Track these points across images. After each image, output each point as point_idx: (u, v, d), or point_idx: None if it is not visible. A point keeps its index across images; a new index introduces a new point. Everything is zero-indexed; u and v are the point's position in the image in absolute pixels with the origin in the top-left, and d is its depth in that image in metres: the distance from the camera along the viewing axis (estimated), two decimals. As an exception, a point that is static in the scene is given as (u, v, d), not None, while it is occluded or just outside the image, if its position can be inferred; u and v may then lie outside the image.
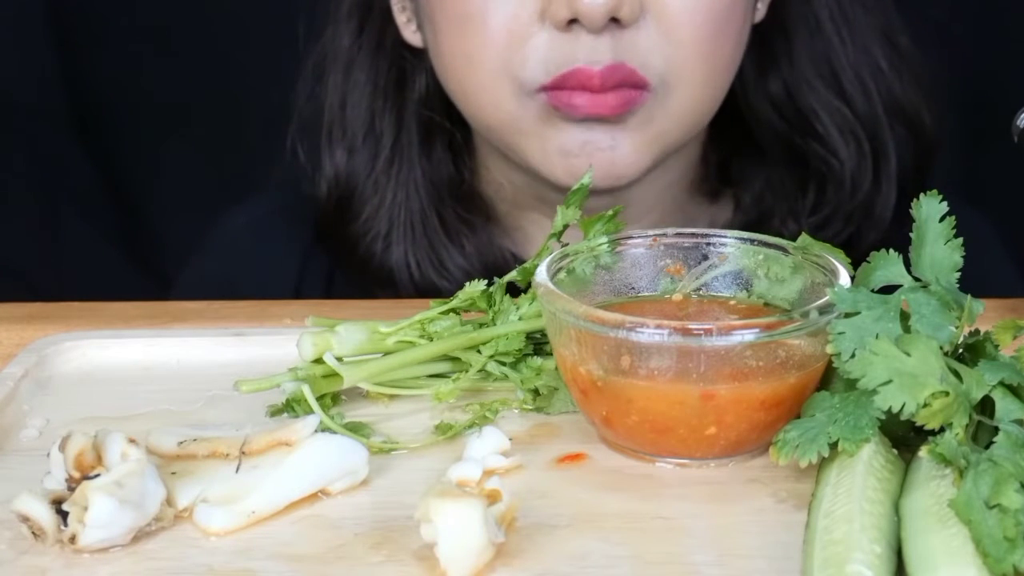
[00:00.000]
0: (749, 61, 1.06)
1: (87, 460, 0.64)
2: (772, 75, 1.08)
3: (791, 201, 1.09)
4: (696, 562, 0.63)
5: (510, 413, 0.77)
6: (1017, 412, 0.64)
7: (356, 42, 1.08)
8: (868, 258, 0.71)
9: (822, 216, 1.08)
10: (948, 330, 0.67)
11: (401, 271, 1.06)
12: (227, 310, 0.93)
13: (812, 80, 1.07)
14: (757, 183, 1.10)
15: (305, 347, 0.76)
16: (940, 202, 0.70)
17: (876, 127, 1.08)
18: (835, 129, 1.07)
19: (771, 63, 1.08)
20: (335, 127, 1.08)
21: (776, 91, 1.08)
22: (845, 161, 1.07)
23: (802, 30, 1.07)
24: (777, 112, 1.08)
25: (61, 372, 0.83)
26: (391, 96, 1.08)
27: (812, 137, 1.08)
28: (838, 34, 1.07)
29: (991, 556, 0.57)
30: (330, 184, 1.08)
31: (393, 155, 1.07)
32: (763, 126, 1.09)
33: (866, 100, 1.08)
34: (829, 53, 1.07)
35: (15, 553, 0.64)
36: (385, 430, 0.75)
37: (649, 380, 0.69)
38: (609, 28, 0.92)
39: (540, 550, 0.64)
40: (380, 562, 0.63)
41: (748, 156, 1.10)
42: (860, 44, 1.08)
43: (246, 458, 0.68)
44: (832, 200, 1.08)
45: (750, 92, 1.08)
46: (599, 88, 0.93)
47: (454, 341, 0.78)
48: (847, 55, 1.07)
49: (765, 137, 1.09)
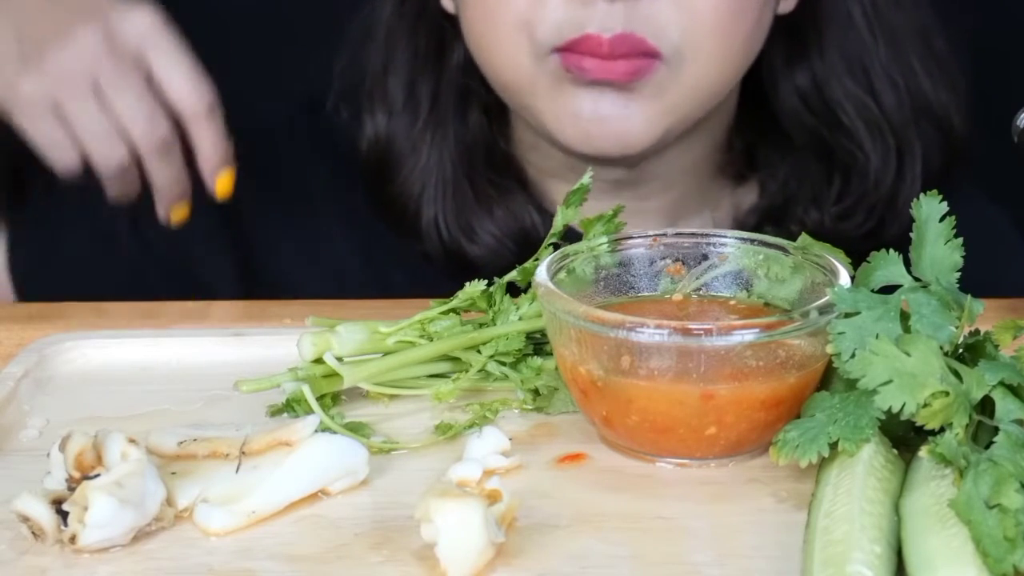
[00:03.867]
0: (779, 51, 1.06)
1: (87, 460, 0.64)
2: (801, 67, 1.08)
3: (816, 189, 1.09)
4: (696, 562, 0.63)
5: (510, 413, 0.77)
6: (1017, 412, 0.64)
7: (397, 11, 1.10)
8: (868, 258, 0.71)
9: (845, 206, 1.08)
10: (948, 330, 0.67)
11: (430, 232, 1.07)
12: (227, 310, 0.93)
13: (841, 75, 1.08)
14: (782, 170, 1.11)
15: (305, 347, 0.76)
16: (940, 202, 0.70)
17: (903, 125, 1.08)
18: (862, 124, 1.08)
19: (801, 55, 1.08)
20: (376, 91, 1.10)
21: (804, 83, 1.09)
22: (870, 155, 1.08)
23: (834, 24, 1.08)
24: (804, 104, 1.09)
25: (61, 372, 0.83)
26: (431, 63, 1.09)
27: (838, 130, 1.08)
28: (870, 31, 1.08)
29: (991, 556, 0.57)
30: (370, 145, 1.10)
31: (430, 119, 1.09)
32: (790, 116, 1.09)
33: (895, 97, 1.08)
34: (860, 49, 1.08)
35: (15, 553, 0.64)
36: (385, 430, 0.75)
37: (649, 380, 0.69)
38: None
39: (540, 550, 0.64)
40: (380, 562, 0.63)
41: (774, 143, 1.11)
42: (892, 42, 1.08)
43: (246, 458, 0.68)
44: (856, 191, 1.08)
45: (779, 82, 1.09)
46: (607, 55, 0.94)
47: (454, 341, 0.78)
48: (878, 52, 1.08)
49: (792, 127, 1.10)
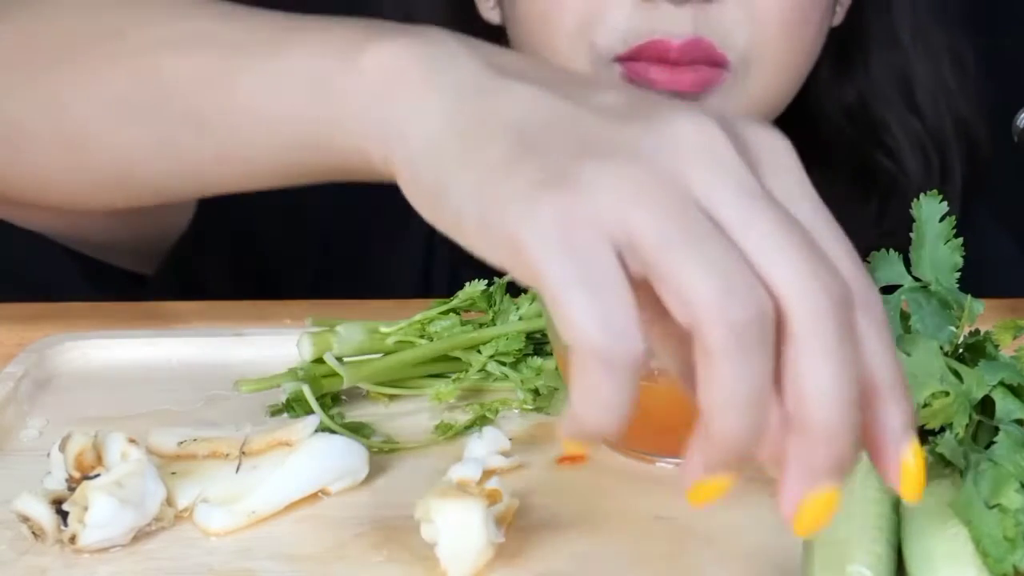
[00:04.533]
0: (825, 67, 1.06)
1: (87, 460, 0.64)
2: (847, 83, 1.08)
3: (854, 212, 1.08)
4: (696, 562, 0.63)
5: (510, 413, 0.77)
6: (1017, 412, 0.64)
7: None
8: (868, 258, 0.71)
9: (887, 228, 1.08)
10: (948, 330, 0.67)
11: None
12: (227, 310, 0.93)
13: (887, 91, 1.07)
14: (822, 191, 1.10)
15: (305, 347, 0.76)
16: (940, 202, 0.70)
17: (945, 144, 1.08)
18: (906, 143, 1.07)
19: (847, 70, 1.07)
20: None
21: (850, 99, 1.08)
22: (912, 176, 1.07)
23: (879, 40, 1.07)
24: (849, 120, 1.08)
25: (61, 372, 0.83)
26: None
27: (882, 150, 1.07)
28: (914, 48, 1.07)
29: (991, 556, 0.57)
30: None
31: None
32: (833, 133, 1.09)
33: (936, 116, 1.07)
34: (905, 66, 1.07)
35: (15, 553, 0.64)
36: (385, 430, 0.75)
37: (649, 380, 0.69)
38: (692, 1, 0.90)
39: (540, 550, 0.64)
40: (380, 562, 0.63)
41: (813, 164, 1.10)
42: (933, 60, 1.08)
43: (246, 458, 0.68)
44: (895, 212, 1.07)
45: (824, 97, 1.08)
46: (676, 61, 0.91)
47: (454, 341, 0.78)
48: (922, 70, 1.07)
49: (833, 144, 1.09)
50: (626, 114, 0.52)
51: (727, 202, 0.49)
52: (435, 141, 0.54)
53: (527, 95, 0.54)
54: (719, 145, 0.50)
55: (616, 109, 0.52)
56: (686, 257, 0.48)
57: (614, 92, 0.54)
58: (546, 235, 0.48)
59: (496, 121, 0.53)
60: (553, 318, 0.48)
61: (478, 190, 0.51)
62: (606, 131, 0.51)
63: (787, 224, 0.49)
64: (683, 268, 0.47)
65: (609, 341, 0.47)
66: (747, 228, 0.49)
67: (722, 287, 0.47)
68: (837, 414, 0.48)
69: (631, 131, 0.51)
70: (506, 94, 0.54)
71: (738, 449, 0.49)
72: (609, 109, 0.52)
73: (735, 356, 0.47)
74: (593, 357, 0.47)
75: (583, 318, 0.47)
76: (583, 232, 0.48)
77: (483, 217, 0.51)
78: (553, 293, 0.48)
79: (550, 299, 0.48)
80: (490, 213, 0.50)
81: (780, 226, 0.49)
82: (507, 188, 0.50)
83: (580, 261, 0.48)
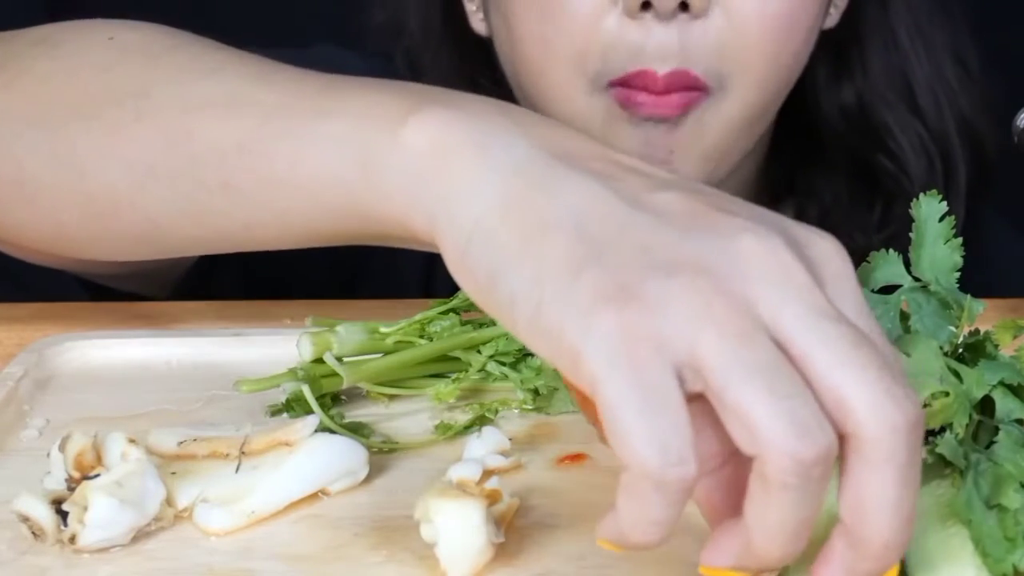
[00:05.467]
0: (822, 70, 1.05)
1: (87, 460, 0.64)
2: (846, 85, 1.07)
3: (857, 215, 1.08)
4: (696, 562, 0.63)
5: (510, 413, 0.77)
6: (1018, 412, 0.64)
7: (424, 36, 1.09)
8: (868, 258, 0.71)
9: (890, 232, 1.07)
10: (948, 330, 0.67)
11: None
12: (227, 310, 0.93)
13: (886, 93, 1.07)
14: (825, 196, 1.09)
15: (305, 347, 0.76)
16: (940, 202, 0.70)
17: (947, 144, 1.07)
18: (908, 145, 1.06)
19: (845, 73, 1.07)
20: None
21: (849, 102, 1.07)
22: (916, 179, 1.06)
23: (877, 41, 1.07)
24: (849, 124, 1.08)
25: (61, 372, 0.83)
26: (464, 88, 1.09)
27: (884, 153, 1.07)
28: (914, 49, 1.07)
29: (991, 555, 0.57)
30: None
31: None
32: (834, 138, 1.08)
33: (939, 117, 1.07)
34: (904, 67, 1.07)
35: (15, 553, 0.64)
36: (385, 430, 0.75)
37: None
38: (678, 18, 0.92)
39: (540, 550, 0.64)
40: (380, 562, 0.63)
41: (815, 168, 1.10)
42: (932, 58, 1.07)
43: (246, 458, 0.68)
44: (899, 217, 1.07)
45: (822, 101, 1.08)
46: (662, 91, 0.94)
47: (454, 341, 0.78)
48: (922, 71, 1.07)
49: (835, 149, 1.08)
50: (687, 224, 0.51)
51: (793, 318, 0.49)
52: (487, 226, 0.54)
53: (586, 189, 0.53)
54: (785, 262, 0.50)
55: (677, 215, 0.52)
56: (754, 385, 0.47)
57: (674, 191, 0.53)
58: (608, 351, 0.48)
59: (554, 215, 0.52)
60: (608, 435, 0.48)
61: (534, 287, 0.51)
62: (670, 242, 0.50)
63: (857, 341, 0.49)
64: (750, 396, 0.47)
65: (664, 466, 0.47)
66: (818, 347, 0.48)
67: (791, 420, 0.47)
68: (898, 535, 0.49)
69: (695, 244, 0.50)
70: (564, 185, 0.53)
71: (771, 566, 0.50)
72: (671, 214, 0.52)
73: (796, 492, 0.48)
74: (647, 480, 0.47)
75: (640, 440, 0.47)
76: (646, 351, 0.48)
77: (539, 317, 0.50)
78: (611, 411, 0.48)
79: (607, 416, 0.48)
80: (547, 315, 0.50)
81: (851, 344, 0.49)
82: (567, 294, 0.50)
83: (640, 381, 0.47)
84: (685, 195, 0.53)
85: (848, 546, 0.49)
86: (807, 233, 0.52)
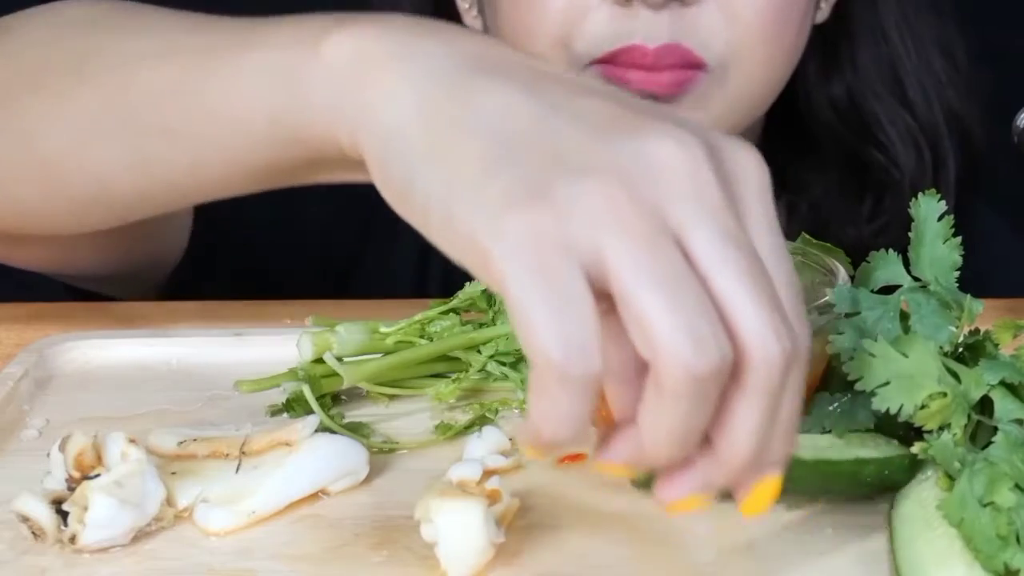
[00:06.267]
0: (812, 63, 1.05)
1: (87, 460, 0.64)
2: (835, 79, 1.07)
3: (848, 208, 1.08)
4: (696, 562, 0.63)
5: (510, 413, 0.77)
6: (1017, 412, 0.64)
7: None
8: (868, 258, 0.71)
9: (881, 223, 1.07)
10: (947, 330, 0.67)
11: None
12: (227, 310, 0.93)
13: (876, 86, 1.07)
14: (815, 190, 1.09)
15: (305, 347, 0.76)
16: (938, 201, 0.70)
17: (937, 137, 1.07)
18: (897, 137, 1.06)
19: (834, 67, 1.07)
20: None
21: (839, 95, 1.07)
22: (906, 171, 1.07)
23: (867, 35, 1.07)
24: (839, 117, 1.07)
25: (61, 372, 0.83)
26: None
27: (874, 145, 1.07)
28: (902, 42, 1.07)
29: (983, 552, 0.57)
30: None
31: None
32: (824, 131, 1.08)
33: (928, 109, 1.07)
34: (894, 60, 1.07)
35: (15, 553, 0.64)
36: (385, 430, 0.75)
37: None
38: (669, 6, 0.90)
39: (540, 550, 0.64)
40: (380, 562, 0.63)
41: (806, 162, 1.09)
42: (922, 54, 1.07)
43: (246, 458, 0.68)
44: (890, 208, 1.07)
45: (812, 95, 1.07)
46: (652, 66, 0.91)
47: (454, 341, 0.78)
48: (911, 63, 1.07)
49: (825, 143, 1.08)
50: (607, 126, 0.52)
51: (703, 239, 0.50)
52: (404, 132, 0.54)
53: (505, 95, 0.53)
54: (700, 173, 0.50)
55: (597, 118, 0.52)
56: (656, 295, 0.48)
57: (596, 97, 0.53)
58: (514, 251, 0.49)
59: (470, 119, 0.53)
60: (515, 331, 0.49)
61: (447, 189, 0.51)
62: (585, 143, 0.51)
63: (757, 271, 0.50)
64: (652, 305, 0.48)
65: (568, 359, 0.48)
66: (719, 269, 0.50)
67: (689, 334, 0.48)
68: (756, 459, 0.52)
69: (611, 146, 0.51)
70: (483, 92, 0.53)
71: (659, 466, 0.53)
72: (589, 118, 0.52)
73: (688, 402, 0.49)
74: (551, 373, 0.48)
75: (544, 335, 0.48)
76: (552, 251, 0.49)
77: (450, 218, 0.51)
78: (516, 308, 0.48)
79: (513, 313, 0.49)
80: (458, 217, 0.51)
81: (751, 274, 0.50)
82: (478, 196, 0.50)
83: (546, 280, 0.48)
84: (608, 101, 0.53)
85: (708, 458, 0.52)
86: (729, 145, 0.53)
